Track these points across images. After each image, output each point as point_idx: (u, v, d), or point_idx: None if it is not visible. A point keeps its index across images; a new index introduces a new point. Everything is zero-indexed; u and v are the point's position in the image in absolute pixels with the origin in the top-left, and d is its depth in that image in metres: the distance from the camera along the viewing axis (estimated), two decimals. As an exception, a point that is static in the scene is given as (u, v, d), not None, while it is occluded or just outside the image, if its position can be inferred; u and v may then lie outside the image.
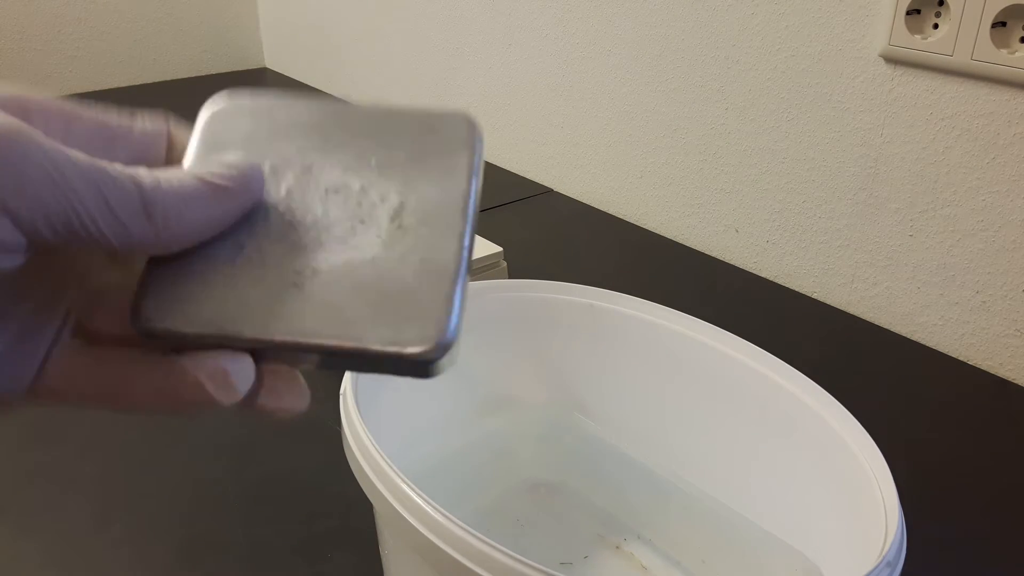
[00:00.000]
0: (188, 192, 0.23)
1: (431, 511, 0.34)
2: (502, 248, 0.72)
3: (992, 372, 0.72)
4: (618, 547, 0.50)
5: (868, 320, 0.79)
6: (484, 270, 0.71)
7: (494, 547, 0.32)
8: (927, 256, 0.74)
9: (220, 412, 0.24)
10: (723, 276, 0.86)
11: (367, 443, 0.38)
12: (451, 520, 0.33)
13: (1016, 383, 0.70)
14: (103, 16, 1.37)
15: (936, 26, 0.68)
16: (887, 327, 0.78)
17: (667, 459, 0.51)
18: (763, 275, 0.87)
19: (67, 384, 0.24)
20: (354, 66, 1.34)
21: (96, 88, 1.38)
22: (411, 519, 0.35)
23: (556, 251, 0.90)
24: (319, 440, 0.60)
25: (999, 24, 0.65)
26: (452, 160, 0.27)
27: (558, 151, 1.05)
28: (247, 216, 0.25)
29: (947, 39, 0.67)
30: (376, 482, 0.37)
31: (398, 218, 0.26)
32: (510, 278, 0.65)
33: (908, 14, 0.69)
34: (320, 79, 1.42)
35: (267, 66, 1.55)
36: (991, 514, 0.56)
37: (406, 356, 0.24)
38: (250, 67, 1.53)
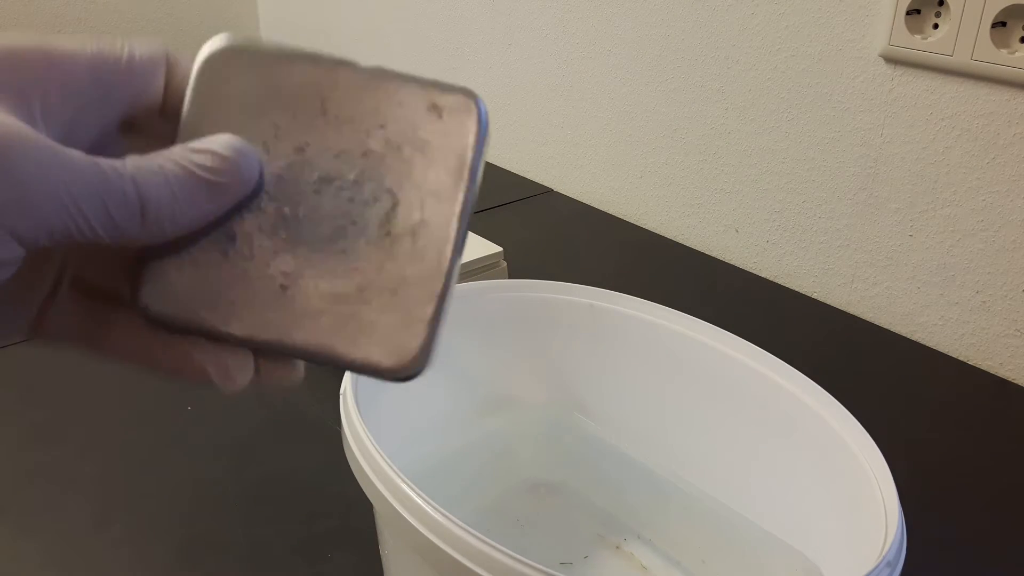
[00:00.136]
0: (183, 192, 0.24)
1: (431, 511, 0.34)
2: (502, 248, 0.72)
3: (992, 372, 0.72)
4: (618, 547, 0.50)
5: (868, 320, 0.79)
6: (484, 270, 0.71)
7: (494, 547, 0.32)
8: (927, 256, 0.74)
9: (220, 413, 0.25)
10: (723, 276, 0.86)
11: (367, 443, 0.38)
12: (451, 520, 0.33)
13: (1016, 383, 0.70)
14: (103, 16, 1.37)
15: (936, 26, 0.68)
16: (887, 327, 0.78)
17: (667, 459, 0.51)
18: (763, 275, 0.87)
19: (60, 331, 0.26)
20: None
21: (96, 88, 1.38)
22: (411, 519, 0.35)
23: (556, 251, 0.90)
24: (319, 440, 0.60)
25: (999, 24, 0.65)
26: (452, 160, 0.26)
27: (558, 151, 1.05)
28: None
29: (947, 39, 0.67)
30: (376, 482, 0.37)
31: (387, 224, 0.26)
32: (510, 278, 0.65)
33: (908, 14, 0.69)
34: (320, 79, 1.42)
35: (267, 66, 1.55)
36: (991, 514, 0.56)
37: (380, 371, 0.25)
38: (250, 67, 1.53)
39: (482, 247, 0.72)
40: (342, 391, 0.42)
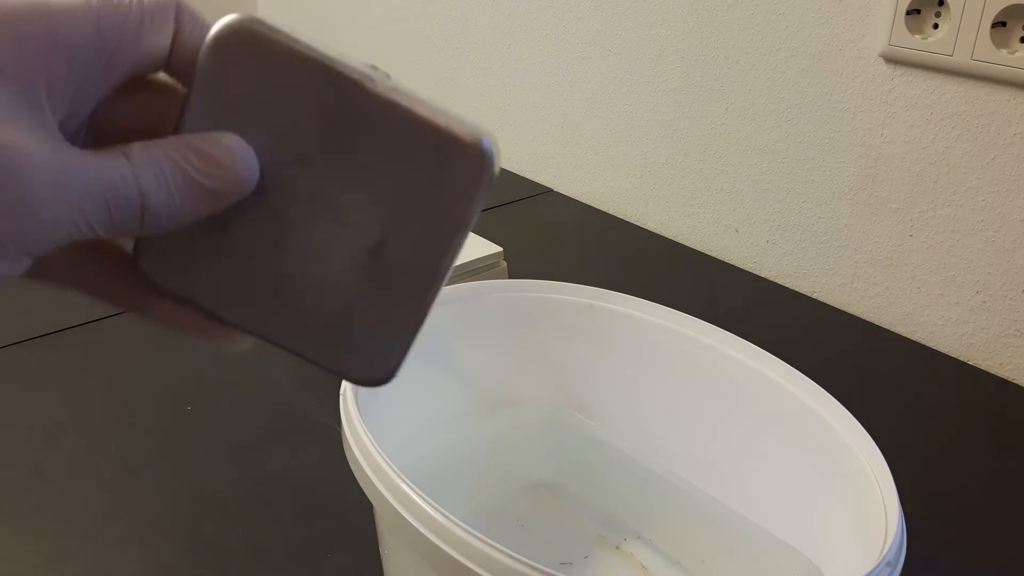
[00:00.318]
0: (182, 195, 0.24)
1: (431, 511, 0.34)
2: (502, 248, 0.72)
3: (992, 372, 0.72)
4: (618, 547, 0.50)
5: (868, 320, 0.79)
6: (484, 270, 0.71)
7: (494, 547, 0.32)
8: (927, 256, 0.74)
9: (220, 413, 0.25)
10: (723, 276, 0.86)
11: (367, 443, 0.38)
12: (451, 520, 0.33)
13: (1016, 383, 0.70)
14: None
15: (936, 26, 0.68)
16: (887, 327, 0.78)
17: (667, 459, 0.51)
18: (763, 275, 0.87)
19: (57, 274, 0.27)
20: (354, 66, 1.34)
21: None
22: (411, 519, 0.35)
23: (556, 251, 0.90)
24: (319, 440, 0.60)
25: (999, 24, 0.65)
26: (451, 207, 0.26)
27: (558, 151, 1.05)
28: None
29: (947, 39, 0.67)
30: (376, 482, 0.37)
31: (376, 255, 0.26)
32: (510, 278, 0.65)
33: (908, 14, 0.69)
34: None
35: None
36: (991, 514, 0.56)
37: (352, 379, 0.28)
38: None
39: (482, 247, 0.72)
40: (342, 391, 0.42)
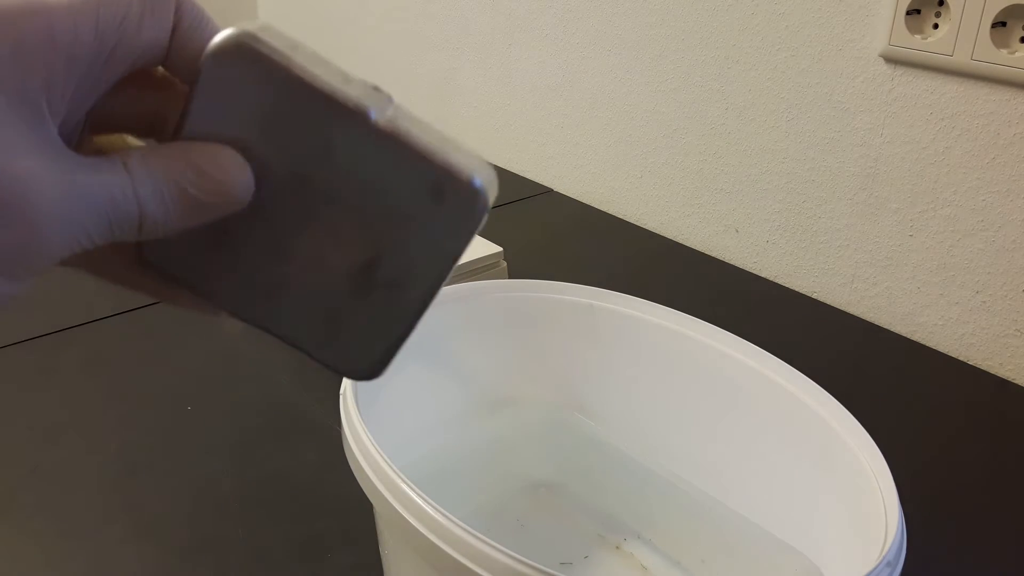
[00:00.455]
0: (178, 210, 0.24)
1: (431, 511, 0.34)
2: (502, 248, 0.72)
3: (992, 372, 0.72)
4: (618, 547, 0.50)
5: (868, 320, 0.79)
6: (484, 270, 0.71)
7: (494, 547, 0.32)
8: (927, 256, 0.74)
9: (220, 413, 0.26)
10: (723, 276, 0.86)
11: (367, 443, 0.38)
12: (451, 520, 0.33)
13: (1016, 383, 0.70)
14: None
15: (936, 26, 0.68)
16: (887, 327, 0.78)
17: (667, 459, 0.51)
18: (763, 275, 0.87)
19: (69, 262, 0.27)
20: (355, 66, 1.34)
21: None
22: (411, 519, 0.35)
23: (556, 251, 0.90)
24: (319, 440, 0.60)
25: (999, 24, 0.65)
26: (441, 245, 0.26)
27: (558, 151, 1.05)
28: None
29: (947, 39, 0.67)
30: (376, 482, 0.37)
31: (368, 271, 0.27)
32: (510, 278, 0.65)
33: (908, 14, 0.69)
34: (320, 79, 1.42)
35: (267, 66, 1.55)
36: (991, 514, 0.56)
37: (341, 373, 0.29)
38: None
39: (482, 247, 0.71)
40: (342, 391, 0.42)
